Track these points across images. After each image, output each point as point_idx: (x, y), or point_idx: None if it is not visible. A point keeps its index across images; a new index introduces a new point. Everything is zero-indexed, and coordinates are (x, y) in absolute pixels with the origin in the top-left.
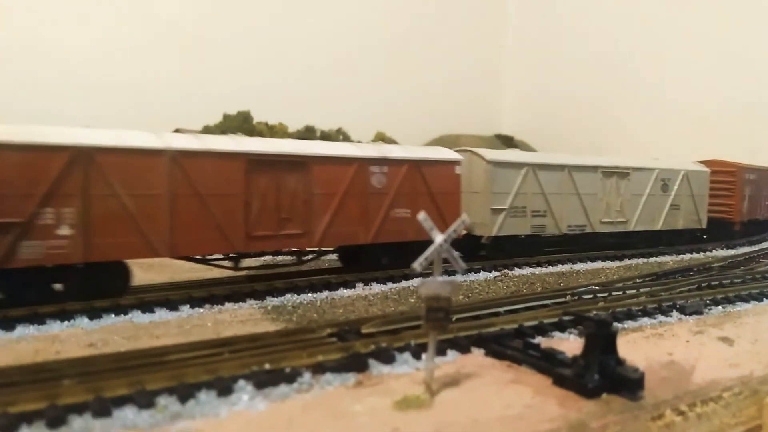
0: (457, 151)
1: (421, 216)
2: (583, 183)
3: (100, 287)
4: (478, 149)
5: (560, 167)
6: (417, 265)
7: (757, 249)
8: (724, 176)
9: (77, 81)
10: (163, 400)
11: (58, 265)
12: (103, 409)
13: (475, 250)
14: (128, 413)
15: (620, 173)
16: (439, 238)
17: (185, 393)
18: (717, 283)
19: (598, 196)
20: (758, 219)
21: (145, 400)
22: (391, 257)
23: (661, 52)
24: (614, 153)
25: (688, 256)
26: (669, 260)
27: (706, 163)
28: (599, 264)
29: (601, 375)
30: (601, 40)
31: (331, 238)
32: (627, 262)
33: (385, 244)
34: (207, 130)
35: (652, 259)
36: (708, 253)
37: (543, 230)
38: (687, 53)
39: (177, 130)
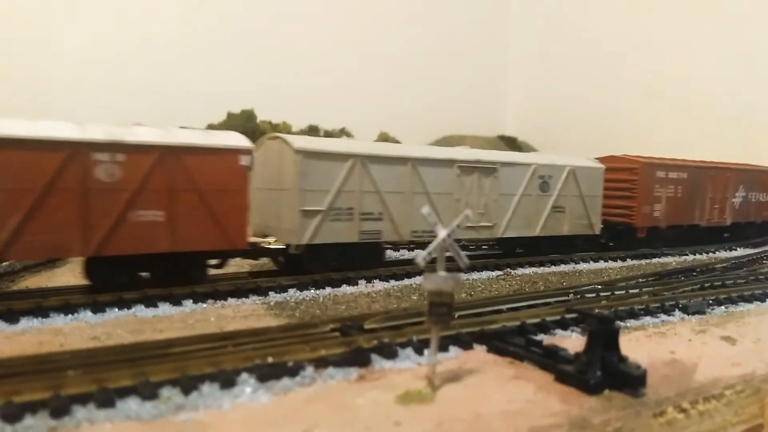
0: (268, 138)
1: (425, 210)
2: (433, 180)
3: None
4: (287, 135)
5: (401, 160)
6: (420, 259)
7: (760, 251)
8: (623, 174)
9: (79, 79)
10: (166, 392)
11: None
12: (106, 399)
13: (290, 263)
14: (132, 404)
15: (484, 169)
16: (442, 232)
17: (188, 385)
18: (720, 283)
19: (453, 196)
20: (699, 225)
21: (148, 392)
22: (135, 274)
23: (669, 49)
24: (627, 151)
25: (690, 257)
26: (672, 261)
27: (604, 159)
28: (602, 264)
29: (604, 372)
30: (606, 39)
31: (21, 250)
32: (630, 262)
33: (122, 258)
34: (211, 128)
35: (655, 260)
36: (711, 255)
37: (378, 236)
38: (696, 50)
39: (181, 128)
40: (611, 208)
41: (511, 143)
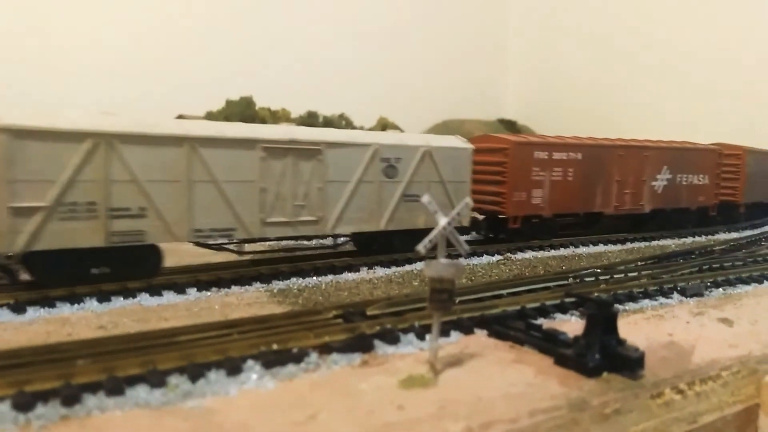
0: None
1: (425, 198)
2: (224, 165)
3: None
4: None
5: (173, 140)
6: (421, 247)
7: (759, 232)
8: (494, 156)
9: (77, 67)
10: (174, 380)
11: None
12: (116, 387)
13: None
14: (141, 392)
15: (302, 151)
16: (443, 220)
17: (195, 372)
18: (718, 265)
19: (256, 185)
20: (604, 213)
21: (156, 380)
22: None
23: (674, 27)
24: (628, 135)
25: (690, 239)
26: (671, 243)
27: (475, 140)
28: (602, 247)
29: (602, 354)
30: (608, 18)
31: None
32: (629, 245)
33: None
34: (210, 115)
35: (654, 243)
36: (710, 237)
37: (140, 238)
38: (702, 28)
39: (180, 116)
40: (483, 195)
41: (511, 126)
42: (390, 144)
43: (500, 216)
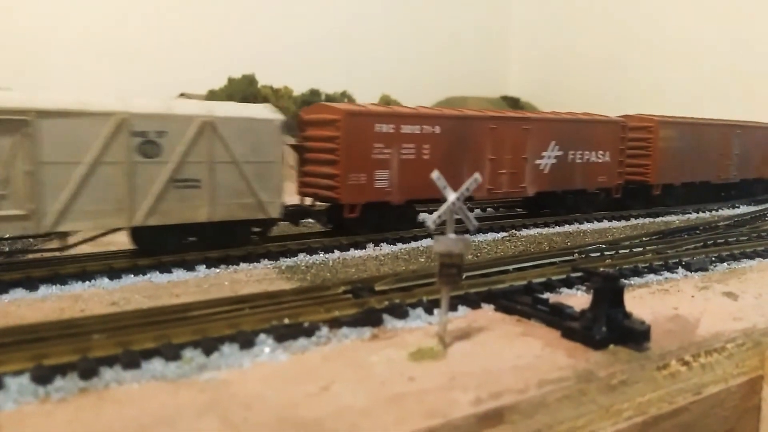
0: None
1: (435, 174)
2: None
3: None
4: None
5: None
6: (430, 222)
7: (763, 208)
8: (325, 129)
9: (77, 45)
10: (188, 353)
11: None
12: (132, 361)
13: None
14: (156, 365)
15: None
16: (452, 196)
17: (209, 346)
18: (723, 240)
19: None
20: (474, 198)
21: (171, 353)
22: None
23: (681, 2)
24: (634, 112)
25: (694, 215)
26: (675, 219)
27: (307, 110)
28: (606, 224)
29: (609, 327)
30: None
31: None
32: (634, 221)
33: None
34: (212, 94)
35: (659, 219)
36: (714, 213)
37: None
38: (705, 3)
39: (182, 95)
40: (317, 177)
41: (514, 103)
42: (146, 113)
43: (335, 203)
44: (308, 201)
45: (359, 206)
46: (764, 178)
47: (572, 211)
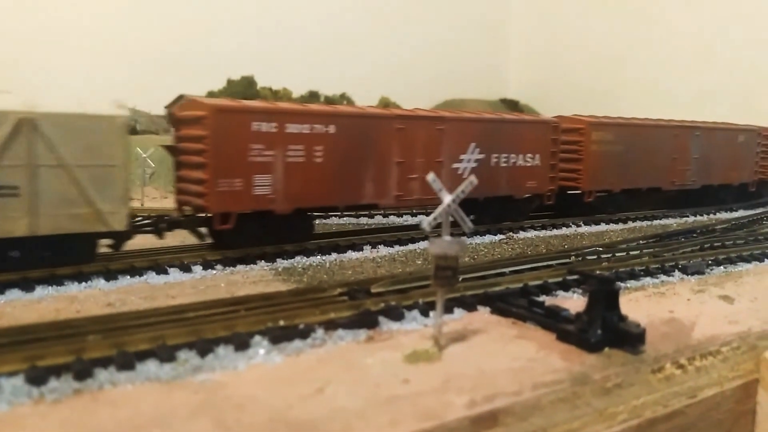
0: None
1: (431, 177)
2: None
3: None
4: None
5: None
6: (426, 224)
7: (761, 211)
8: (194, 128)
9: (76, 47)
10: (183, 354)
11: None
12: (127, 362)
13: None
14: (151, 366)
15: None
16: (447, 198)
17: (204, 347)
18: (719, 243)
19: None
20: (379, 205)
21: (166, 354)
22: None
23: (682, 3)
24: (633, 114)
25: (692, 218)
26: (673, 222)
27: (179, 107)
28: (603, 227)
29: (604, 330)
30: None
31: None
32: (631, 224)
33: None
34: (211, 95)
35: (656, 222)
36: (712, 216)
37: None
38: (706, 4)
39: (180, 97)
40: (188, 183)
41: (513, 106)
42: None
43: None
44: (189, 210)
45: (234, 216)
46: (732, 184)
47: (499, 219)
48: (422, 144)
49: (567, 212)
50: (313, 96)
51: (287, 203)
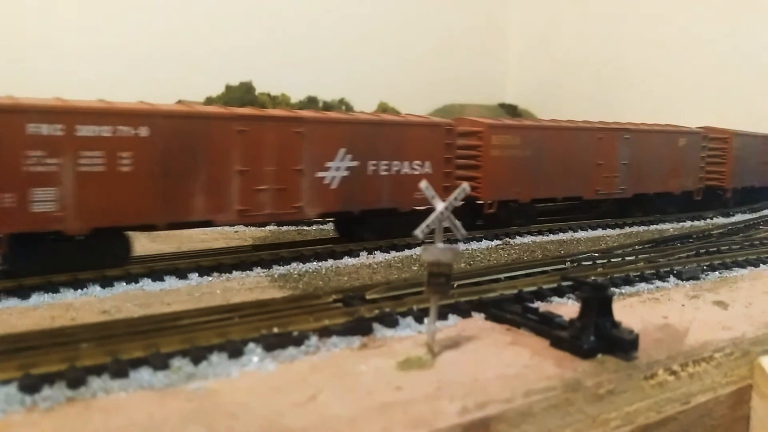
0: None
1: (423, 184)
2: None
3: None
4: None
5: None
6: (419, 232)
7: (757, 216)
8: None
9: (73, 52)
10: (177, 362)
11: None
12: (120, 370)
13: None
14: (144, 374)
15: None
16: (440, 205)
17: (198, 355)
18: (715, 249)
19: None
20: (214, 221)
21: (160, 362)
22: None
23: (682, 8)
24: (635, 119)
25: (688, 223)
26: (669, 227)
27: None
28: (600, 232)
29: (597, 337)
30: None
31: None
32: (627, 229)
33: None
34: (209, 101)
35: (653, 227)
36: (708, 221)
37: None
38: (705, 9)
39: (179, 102)
40: None
41: (512, 111)
42: None
43: None
44: None
45: (3, 238)
46: (673, 193)
47: (383, 236)
48: (274, 149)
49: (469, 225)
50: (311, 101)
51: (81, 222)
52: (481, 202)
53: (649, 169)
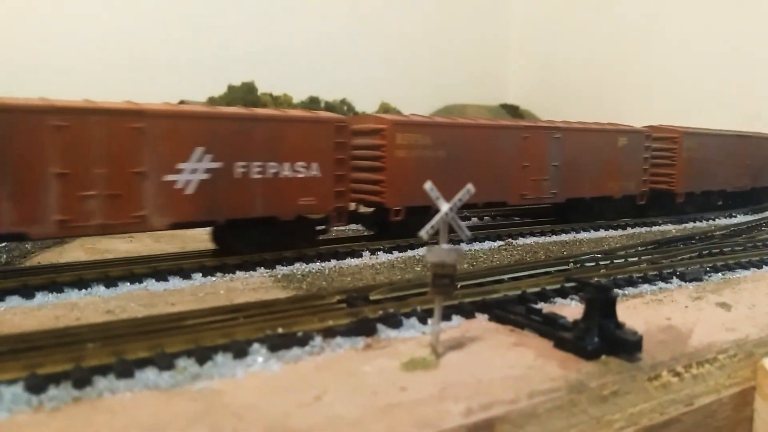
0: None
1: (428, 185)
2: None
3: None
4: None
5: None
6: (423, 233)
7: (760, 217)
8: None
9: (76, 52)
10: (182, 362)
11: None
12: (126, 370)
13: None
14: (150, 374)
15: None
16: (444, 206)
17: (203, 355)
18: (718, 250)
19: None
20: (28, 235)
21: (165, 362)
22: None
23: (683, 10)
24: (636, 119)
25: (690, 224)
26: (672, 229)
27: None
28: (603, 233)
29: (601, 338)
30: (612, 1)
31: None
32: (630, 231)
33: None
34: (212, 101)
35: (656, 228)
36: (711, 222)
37: None
38: (712, 10)
39: (182, 102)
40: None
41: (513, 111)
42: None
43: None
44: None
45: None
46: (613, 197)
47: (262, 248)
48: (104, 148)
49: (381, 234)
50: (313, 101)
51: None
52: (388, 208)
53: (585, 172)
